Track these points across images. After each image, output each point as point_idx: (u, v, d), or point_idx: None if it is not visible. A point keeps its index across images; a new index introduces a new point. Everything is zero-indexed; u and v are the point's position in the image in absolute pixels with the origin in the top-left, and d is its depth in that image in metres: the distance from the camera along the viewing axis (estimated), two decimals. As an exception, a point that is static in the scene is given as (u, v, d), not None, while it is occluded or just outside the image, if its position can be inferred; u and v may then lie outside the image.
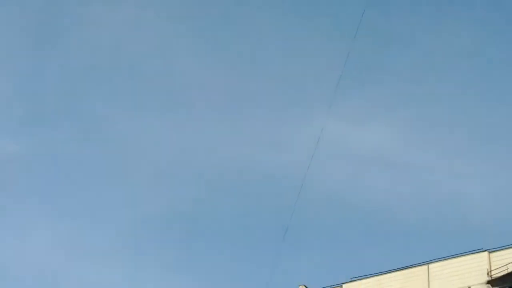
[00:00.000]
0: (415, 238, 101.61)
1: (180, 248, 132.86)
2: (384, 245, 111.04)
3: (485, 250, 45.99)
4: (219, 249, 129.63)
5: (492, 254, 45.69)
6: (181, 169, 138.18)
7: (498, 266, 44.94)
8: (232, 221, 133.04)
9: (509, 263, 44.48)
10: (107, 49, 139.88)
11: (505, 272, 44.41)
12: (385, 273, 48.99)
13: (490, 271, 44.95)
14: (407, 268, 48.29)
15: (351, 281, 49.95)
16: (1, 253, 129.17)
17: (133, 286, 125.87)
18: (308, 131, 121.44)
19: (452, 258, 46.87)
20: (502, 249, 45.55)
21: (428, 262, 47.53)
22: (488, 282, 44.75)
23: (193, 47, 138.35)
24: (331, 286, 50.82)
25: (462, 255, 46.58)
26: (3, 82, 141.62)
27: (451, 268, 46.38)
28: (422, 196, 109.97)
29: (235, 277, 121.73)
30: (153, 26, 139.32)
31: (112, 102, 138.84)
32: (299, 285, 51.80)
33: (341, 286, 50.05)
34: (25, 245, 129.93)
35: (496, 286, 44.92)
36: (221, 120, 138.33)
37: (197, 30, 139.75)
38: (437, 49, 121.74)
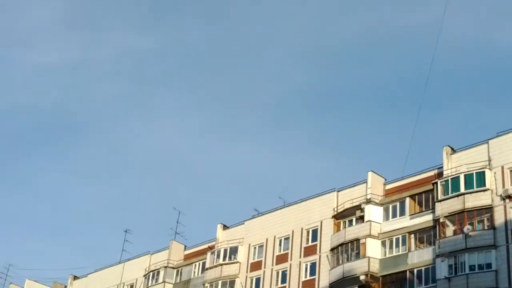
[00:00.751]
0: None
1: (320, 122, 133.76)
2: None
3: None
4: (357, 119, 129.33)
5: None
6: (311, 43, 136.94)
7: None
8: (367, 89, 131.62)
9: None
10: None
11: None
12: (533, 124, 46.79)
13: None
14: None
15: (497, 136, 48.10)
16: (156, 137, 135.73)
17: (278, 162, 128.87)
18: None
19: None
20: None
21: None
22: None
23: None
24: (476, 143, 49.24)
25: None
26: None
27: None
28: None
29: (377, 145, 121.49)
30: None
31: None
32: (443, 146, 50.43)
33: (487, 142, 48.24)
34: (175, 130, 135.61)
35: None
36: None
37: None
38: None
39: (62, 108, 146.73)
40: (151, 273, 64.28)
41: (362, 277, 49.39)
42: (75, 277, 73.95)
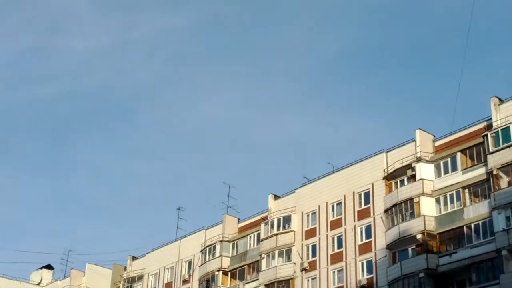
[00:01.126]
0: None
1: (361, 84, 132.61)
2: None
3: None
4: (400, 77, 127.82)
5: None
6: (346, 4, 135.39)
7: None
8: (408, 46, 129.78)
9: None
10: None
11: None
12: None
13: None
14: None
15: (545, 82, 47.19)
16: (200, 113, 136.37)
17: (323, 128, 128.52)
18: None
19: None
20: None
21: None
22: None
23: None
24: (524, 92, 48.35)
25: None
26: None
27: None
28: None
29: (422, 101, 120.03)
30: None
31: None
32: (490, 97, 49.53)
33: (536, 89, 47.37)
34: (218, 104, 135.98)
35: None
36: None
37: None
38: None
39: (107, 91, 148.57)
40: (207, 248, 64.97)
41: (418, 236, 49.22)
42: (134, 258, 75.17)
